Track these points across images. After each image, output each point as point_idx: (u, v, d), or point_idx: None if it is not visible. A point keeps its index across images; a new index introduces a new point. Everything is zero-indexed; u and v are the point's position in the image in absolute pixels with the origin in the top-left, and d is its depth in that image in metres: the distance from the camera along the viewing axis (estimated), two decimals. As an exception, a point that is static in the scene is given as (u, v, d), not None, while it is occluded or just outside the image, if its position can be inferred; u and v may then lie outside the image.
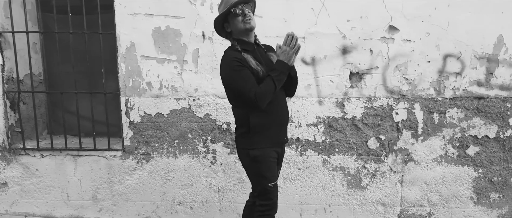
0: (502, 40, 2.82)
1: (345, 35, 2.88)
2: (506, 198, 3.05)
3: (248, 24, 2.07)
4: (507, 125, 2.93)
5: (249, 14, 2.07)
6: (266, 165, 2.19)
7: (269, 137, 2.18)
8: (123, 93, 3.06)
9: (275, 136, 2.20)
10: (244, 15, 2.06)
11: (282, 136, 2.27)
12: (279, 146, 2.27)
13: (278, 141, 2.24)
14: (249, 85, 2.00)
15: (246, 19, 2.06)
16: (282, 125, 2.25)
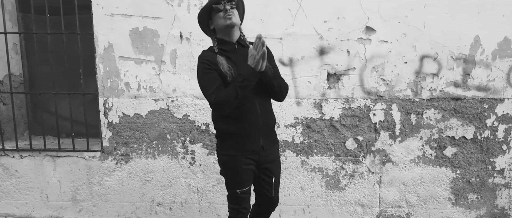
0: (479, 41, 2.81)
1: (322, 36, 2.86)
2: (484, 199, 3.03)
3: (228, 20, 1.96)
4: (484, 126, 2.92)
5: (231, 10, 1.97)
6: (235, 172, 2.11)
7: (239, 144, 2.06)
8: (101, 94, 3.03)
9: (245, 143, 2.06)
10: (226, 11, 1.96)
11: (255, 144, 2.07)
12: (255, 154, 2.09)
13: (249, 149, 2.07)
14: (211, 90, 1.93)
15: (227, 15, 1.96)
16: (255, 133, 2.05)
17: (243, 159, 2.08)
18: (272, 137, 2.17)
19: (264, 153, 2.11)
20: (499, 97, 2.88)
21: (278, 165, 2.26)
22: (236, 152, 2.07)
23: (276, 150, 2.24)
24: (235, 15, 1.99)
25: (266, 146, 2.10)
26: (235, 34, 2.05)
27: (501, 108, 2.89)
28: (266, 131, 2.11)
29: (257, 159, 2.12)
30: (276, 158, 2.24)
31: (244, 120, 2.02)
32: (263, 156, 2.12)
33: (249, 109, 2.02)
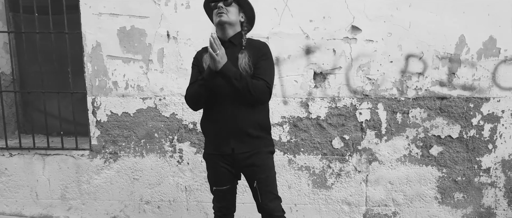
0: (464, 40, 2.80)
1: (309, 36, 2.86)
2: (470, 198, 3.02)
3: (218, 17, 1.94)
4: (470, 125, 2.91)
5: (224, 8, 1.95)
6: (211, 169, 2.13)
7: (212, 143, 2.09)
8: (89, 92, 3.03)
9: (216, 144, 2.06)
10: (218, 8, 1.95)
11: (226, 146, 2.02)
12: (228, 156, 2.04)
13: (221, 150, 2.05)
14: (189, 85, 1.98)
15: (218, 11, 1.95)
16: (224, 134, 2.02)
17: (217, 157, 2.07)
18: (247, 140, 2.02)
19: (237, 156, 2.04)
20: (485, 97, 2.87)
21: (261, 170, 2.08)
22: (210, 150, 2.10)
23: (256, 155, 2.05)
24: (230, 13, 1.96)
25: (238, 149, 2.02)
26: (228, 32, 2.01)
27: (486, 107, 2.88)
28: (238, 134, 2.00)
29: (230, 161, 2.07)
30: (256, 163, 2.06)
31: (215, 121, 2.03)
32: (237, 159, 2.05)
33: (219, 110, 2.01)
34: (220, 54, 1.81)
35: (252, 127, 2.01)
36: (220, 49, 1.81)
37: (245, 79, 1.87)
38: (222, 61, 1.83)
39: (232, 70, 1.86)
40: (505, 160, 2.95)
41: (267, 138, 2.11)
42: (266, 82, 1.94)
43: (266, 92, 1.94)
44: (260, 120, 2.04)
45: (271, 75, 2.01)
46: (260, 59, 1.99)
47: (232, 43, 2.03)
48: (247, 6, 2.06)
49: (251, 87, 1.88)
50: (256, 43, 2.06)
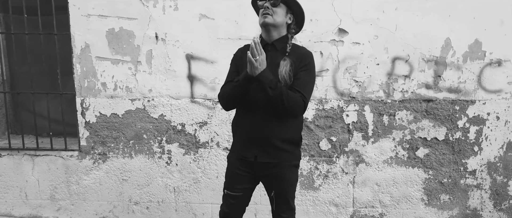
0: (450, 43, 2.80)
1: (296, 38, 2.86)
2: (457, 199, 3.02)
3: (262, 18, 1.84)
4: (455, 127, 2.91)
5: (269, 9, 1.82)
6: (229, 171, 2.06)
7: (236, 145, 2.04)
8: (78, 93, 3.02)
9: (239, 148, 2.01)
10: (264, 8, 1.84)
11: (248, 152, 1.95)
12: (249, 162, 1.96)
13: (241, 154, 1.98)
14: (224, 83, 1.98)
15: (263, 12, 1.83)
16: (248, 142, 1.94)
17: (238, 161, 2.00)
18: (271, 151, 1.92)
19: (259, 165, 1.95)
20: (470, 99, 2.87)
21: (280, 183, 1.97)
22: (233, 153, 2.04)
23: (278, 166, 1.94)
24: (276, 14, 1.83)
25: (261, 158, 1.92)
26: (273, 35, 1.89)
27: (472, 110, 2.88)
28: (262, 144, 1.91)
29: (250, 168, 1.98)
30: (277, 175, 1.95)
31: (244, 126, 1.96)
32: (258, 168, 1.96)
33: (250, 116, 1.92)
34: (260, 60, 1.71)
35: (279, 139, 1.90)
36: (260, 54, 1.71)
37: (280, 90, 1.74)
38: (261, 67, 1.73)
39: (268, 78, 1.74)
40: (491, 162, 2.95)
41: (293, 152, 1.98)
42: (303, 96, 1.80)
43: (300, 106, 1.80)
44: (289, 134, 1.93)
45: (309, 88, 1.87)
46: (301, 69, 1.85)
47: (275, 47, 1.90)
48: (296, 7, 1.89)
49: (285, 98, 1.75)
50: (300, 51, 1.91)
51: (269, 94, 1.74)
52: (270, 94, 1.74)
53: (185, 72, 2.94)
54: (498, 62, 2.81)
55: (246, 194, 2.06)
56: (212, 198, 3.13)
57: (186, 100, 2.98)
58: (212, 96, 2.96)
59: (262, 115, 1.87)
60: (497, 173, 2.96)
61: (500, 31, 2.76)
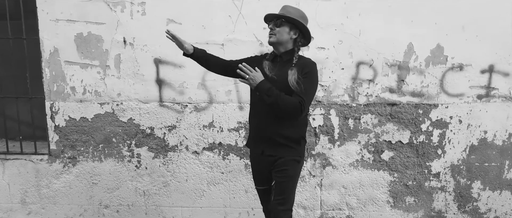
0: (412, 48, 2.82)
1: (262, 43, 2.85)
2: (422, 201, 3.02)
3: (269, 38, 2.10)
4: (419, 131, 2.92)
5: (272, 30, 2.08)
6: (252, 166, 2.32)
7: (249, 136, 2.29)
8: (48, 98, 2.98)
9: (250, 139, 2.26)
10: (270, 29, 2.10)
11: (257, 146, 2.18)
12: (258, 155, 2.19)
13: (252, 146, 2.24)
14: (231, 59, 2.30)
15: (269, 33, 2.10)
16: (257, 137, 2.17)
17: (254, 155, 2.25)
18: (275, 147, 2.11)
19: (266, 158, 2.14)
20: (433, 103, 2.88)
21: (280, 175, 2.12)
22: (249, 144, 2.29)
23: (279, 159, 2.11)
24: (279, 34, 2.06)
25: (268, 152, 2.13)
26: (279, 50, 2.12)
27: (435, 113, 2.89)
28: (269, 140, 2.11)
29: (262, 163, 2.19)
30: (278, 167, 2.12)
31: (253, 123, 2.22)
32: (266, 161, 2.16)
33: (256, 114, 2.17)
34: (252, 76, 1.97)
35: (279, 136, 2.09)
36: (250, 73, 1.98)
37: (276, 96, 1.95)
38: (256, 80, 1.98)
39: (264, 88, 1.97)
40: (454, 165, 2.96)
41: (294, 148, 2.13)
42: (302, 100, 1.97)
43: (297, 109, 1.97)
44: (288, 132, 2.09)
45: (309, 94, 2.04)
46: (303, 76, 2.03)
47: (282, 59, 2.11)
48: (299, 24, 2.07)
49: (281, 103, 1.95)
50: (303, 61, 2.11)
51: (266, 101, 1.98)
52: (267, 101, 1.98)
53: (153, 77, 2.92)
54: (459, 66, 2.82)
55: (270, 189, 2.25)
56: (182, 201, 3.10)
57: (155, 104, 2.96)
58: (181, 100, 2.95)
59: (265, 115, 2.09)
60: (461, 175, 2.97)
61: (461, 36, 2.78)
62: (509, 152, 2.93)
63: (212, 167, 3.04)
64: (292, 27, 2.07)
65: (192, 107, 2.95)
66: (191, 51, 2.23)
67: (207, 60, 2.27)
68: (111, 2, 2.82)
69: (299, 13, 2.10)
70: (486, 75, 2.83)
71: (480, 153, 2.93)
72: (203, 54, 2.28)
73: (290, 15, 2.05)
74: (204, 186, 3.07)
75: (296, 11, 2.10)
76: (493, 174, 2.96)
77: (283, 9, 2.12)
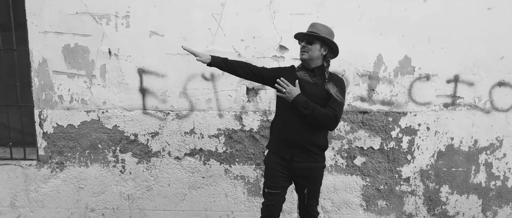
0: (382, 59, 2.96)
1: (240, 54, 2.99)
2: (393, 205, 3.14)
3: (300, 55, 2.25)
4: (389, 137, 3.05)
5: (304, 48, 2.22)
6: (268, 169, 2.36)
7: (274, 141, 2.34)
8: (36, 105, 3.11)
9: (277, 145, 2.31)
10: (301, 47, 2.24)
11: (285, 152, 2.27)
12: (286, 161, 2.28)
13: (280, 151, 2.30)
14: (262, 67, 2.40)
15: (301, 49, 2.24)
16: (286, 143, 2.26)
17: (275, 158, 2.32)
18: (305, 155, 2.25)
19: (294, 165, 2.27)
20: (402, 111, 3.01)
21: (312, 182, 2.32)
22: (271, 149, 2.35)
23: (311, 169, 2.28)
24: (311, 51, 2.20)
25: (297, 159, 2.25)
26: (310, 64, 2.26)
27: (404, 121, 3.02)
28: (297, 147, 2.24)
29: (287, 167, 2.29)
30: (309, 175, 2.29)
31: (283, 129, 2.27)
32: (294, 168, 2.28)
33: (286, 122, 2.25)
34: (288, 90, 2.14)
35: (311, 144, 2.23)
36: (287, 87, 2.14)
37: (312, 109, 2.12)
38: (292, 94, 2.13)
39: (301, 101, 2.12)
40: (423, 170, 3.09)
41: (321, 155, 2.31)
42: (336, 112, 2.15)
43: (332, 120, 2.14)
44: (318, 140, 2.24)
45: (341, 107, 2.20)
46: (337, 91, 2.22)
47: (315, 73, 2.26)
48: (329, 41, 2.22)
49: (318, 115, 2.12)
50: (336, 77, 2.28)
51: (303, 113, 2.13)
52: (304, 113, 2.13)
53: (137, 86, 3.05)
54: (426, 76, 2.96)
55: (282, 192, 2.37)
56: (164, 205, 3.22)
57: (139, 112, 3.09)
58: (163, 108, 3.08)
59: (298, 123, 2.20)
60: (430, 180, 3.10)
61: (427, 48, 2.92)
62: (475, 157, 3.06)
63: (193, 172, 3.16)
64: (322, 44, 2.22)
65: (174, 115, 3.08)
66: (208, 61, 2.30)
67: (231, 68, 2.33)
68: (97, 15, 2.96)
69: (328, 30, 2.24)
70: (451, 85, 2.96)
71: (447, 158, 3.06)
72: (224, 62, 2.33)
73: (320, 33, 2.19)
74: (185, 190, 3.19)
75: (325, 28, 2.24)
76: (460, 178, 3.09)
77: (312, 27, 2.26)
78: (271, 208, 2.36)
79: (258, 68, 2.35)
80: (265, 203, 2.39)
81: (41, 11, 2.95)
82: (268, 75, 2.30)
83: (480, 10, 2.87)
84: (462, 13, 2.87)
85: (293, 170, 2.28)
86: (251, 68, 2.33)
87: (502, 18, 2.87)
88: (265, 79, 2.32)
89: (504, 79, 2.96)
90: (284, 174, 2.31)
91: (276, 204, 2.36)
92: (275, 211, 2.38)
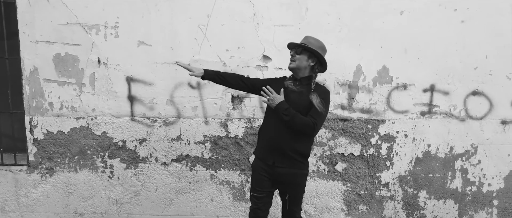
0: (361, 69, 3.06)
1: (226, 63, 3.08)
2: (373, 209, 3.23)
3: (289, 64, 2.34)
4: (369, 144, 3.14)
5: (293, 57, 2.32)
6: (253, 176, 2.45)
7: (260, 147, 2.43)
8: (27, 112, 3.17)
9: (262, 150, 2.40)
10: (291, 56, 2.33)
11: (267, 156, 2.35)
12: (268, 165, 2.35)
13: (263, 156, 2.38)
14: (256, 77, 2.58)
15: (290, 59, 2.33)
16: (269, 148, 2.34)
17: (261, 163, 2.40)
18: (287, 161, 2.32)
19: (276, 170, 2.34)
20: (381, 119, 3.11)
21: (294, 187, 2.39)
22: (258, 154, 2.45)
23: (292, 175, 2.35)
24: (298, 60, 2.29)
25: (279, 165, 2.33)
26: (298, 74, 2.34)
27: (383, 128, 3.12)
28: (279, 152, 2.32)
29: (270, 173, 2.37)
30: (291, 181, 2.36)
31: (267, 135, 2.37)
32: (275, 173, 2.35)
33: (271, 128, 2.34)
34: (272, 98, 2.25)
35: (292, 150, 2.30)
36: (271, 95, 2.26)
37: (293, 116, 2.21)
38: (276, 101, 2.25)
39: (283, 108, 2.23)
40: (402, 176, 3.18)
41: (303, 162, 2.37)
42: (315, 120, 2.22)
43: (310, 128, 2.21)
44: (300, 147, 2.31)
45: (322, 116, 2.27)
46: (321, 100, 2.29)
47: (302, 83, 2.34)
48: (317, 53, 2.30)
49: (298, 122, 2.20)
50: (321, 88, 2.37)
51: (284, 119, 2.22)
52: (284, 119, 2.22)
53: (125, 93, 3.13)
54: (404, 86, 3.07)
55: (268, 196, 2.45)
56: (152, 210, 3.28)
57: (127, 119, 3.16)
58: (151, 115, 3.15)
59: (281, 129, 2.28)
60: (408, 185, 3.19)
61: (404, 58, 3.03)
62: (451, 164, 3.16)
63: (180, 177, 3.23)
64: (311, 56, 2.30)
65: (161, 122, 3.16)
66: (201, 75, 2.42)
67: (225, 81, 2.44)
68: (87, 26, 3.04)
69: (319, 44, 2.33)
70: (428, 94, 3.07)
71: (425, 164, 3.16)
72: (217, 75, 2.44)
73: (310, 45, 2.28)
74: (172, 195, 3.26)
75: (316, 41, 2.33)
76: (437, 184, 3.19)
77: (305, 39, 2.35)
78: (257, 212, 2.43)
79: (250, 79, 2.46)
80: (252, 207, 2.47)
81: (33, 21, 3.02)
82: (260, 85, 2.39)
83: (454, 23, 2.99)
84: (437, 25, 2.98)
85: (275, 175, 2.36)
86: (243, 80, 2.44)
87: (475, 30, 2.99)
88: (256, 90, 2.43)
89: (478, 89, 3.07)
90: (268, 178, 2.38)
91: (262, 208, 2.43)
92: (261, 215, 2.45)
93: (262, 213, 2.45)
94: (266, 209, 2.46)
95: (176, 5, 2.99)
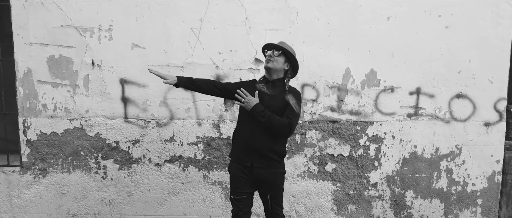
0: (350, 72, 3.12)
1: (218, 66, 3.11)
2: (362, 209, 3.28)
3: (265, 63, 2.34)
4: (358, 145, 3.20)
5: (271, 57, 2.32)
6: (232, 177, 2.43)
7: (235, 150, 2.41)
8: (21, 114, 3.15)
9: (239, 152, 2.38)
10: (268, 56, 2.34)
11: (245, 158, 2.34)
12: (246, 167, 2.35)
13: (239, 158, 2.37)
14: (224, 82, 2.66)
15: (268, 58, 2.34)
16: (246, 149, 2.33)
17: (237, 165, 2.38)
18: (265, 161, 2.33)
19: (255, 171, 2.34)
20: (369, 121, 3.17)
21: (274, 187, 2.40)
22: (233, 157, 2.43)
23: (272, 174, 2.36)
24: (276, 62, 2.31)
25: (257, 165, 2.33)
26: (272, 76, 2.36)
27: (371, 130, 3.18)
28: (256, 154, 2.32)
29: (248, 174, 2.37)
30: (271, 182, 2.38)
31: (243, 137, 2.35)
32: (255, 174, 2.35)
33: (247, 130, 2.33)
34: (247, 100, 2.25)
35: (269, 150, 2.31)
36: (246, 97, 2.26)
37: (268, 117, 2.23)
38: (251, 103, 2.25)
39: (258, 110, 2.24)
40: (390, 176, 3.24)
41: (280, 162, 2.40)
42: (291, 120, 2.25)
43: (287, 128, 2.24)
44: (276, 147, 2.33)
45: (297, 117, 2.31)
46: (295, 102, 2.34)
47: (274, 85, 2.37)
48: (292, 59, 2.35)
49: (273, 123, 2.22)
50: (293, 89, 2.41)
51: (260, 120, 2.24)
52: (261, 121, 2.24)
53: (119, 95, 3.14)
54: (391, 88, 3.13)
55: (248, 197, 2.45)
56: (145, 210, 3.29)
57: (120, 120, 3.17)
58: (144, 116, 3.17)
59: (257, 130, 2.29)
60: (396, 185, 3.25)
61: (391, 62, 3.10)
62: (437, 164, 3.23)
63: (173, 178, 3.24)
64: (287, 60, 2.35)
65: (155, 123, 3.17)
66: (175, 82, 2.39)
67: (198, 87, 2.41)
68: (81, 28, 3.05)
69: (293, 51, 2.39)
70: (414, 96, 3.14)
71: (411, 165, 3.22)
72: (190, 81, 2.41)
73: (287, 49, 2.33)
74: (165, 195, 3.27)
75: (291, 49, 2.38)
76: (424, 184, 3.25)
77: (282, 43, 2.38)
78: (239, 213, 2.44)
79: (222, 84, 2.46)
80: (234, 210, 2.46)
81: (27, 23, 3.02)
82: (232, 88, 2.39)
83: (439, 28, 3.06)
84: (422, 30, 3.06)
85: (255, 176, 2.36)
86: (215, 85, 2.43)
87: (459, 36, 3.07)
88: (228, 94, 2.42)
89: (462, 92, 3.15)
90: (247, 180, 2.38)
91: (243, 209, 2.43)
92: (243, 217, 2.45)
93: (244, 214, 2.45)
94: (248, 209, 2.47)
95: (169, 8, 3.02)
